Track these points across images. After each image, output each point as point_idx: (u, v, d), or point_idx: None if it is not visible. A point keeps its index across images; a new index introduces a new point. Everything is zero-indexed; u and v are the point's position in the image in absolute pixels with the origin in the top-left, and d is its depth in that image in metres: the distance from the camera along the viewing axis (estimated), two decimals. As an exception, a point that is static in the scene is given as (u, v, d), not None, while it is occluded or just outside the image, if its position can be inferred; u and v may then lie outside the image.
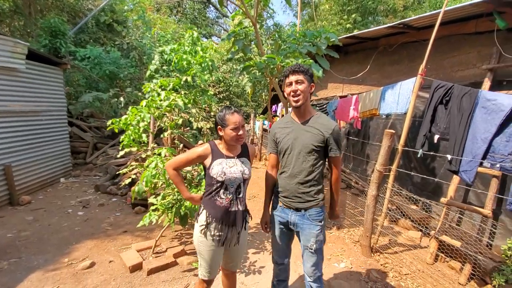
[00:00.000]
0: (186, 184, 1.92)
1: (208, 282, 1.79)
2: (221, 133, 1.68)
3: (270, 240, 3.49)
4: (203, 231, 1.66)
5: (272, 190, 1.97)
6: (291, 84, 1.71)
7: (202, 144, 1.70)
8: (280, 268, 1.98)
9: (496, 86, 3.10)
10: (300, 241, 1.86)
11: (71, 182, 5.70)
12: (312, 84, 1.74)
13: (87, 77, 8.07)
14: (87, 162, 7.01)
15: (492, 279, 2.63)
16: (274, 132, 1.88)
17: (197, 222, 1.72)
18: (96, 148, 7.49)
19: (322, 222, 1.80)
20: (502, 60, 3.10)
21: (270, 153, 1.94)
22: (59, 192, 5.12)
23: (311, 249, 1.78)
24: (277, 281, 2.04)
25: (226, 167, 1.64)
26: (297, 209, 1.78)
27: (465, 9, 3.17)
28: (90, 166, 6.76)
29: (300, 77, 1.68)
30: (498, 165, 2.15)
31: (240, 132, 1.63)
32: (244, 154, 1.78)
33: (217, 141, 1.75)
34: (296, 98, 1.70)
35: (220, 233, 1.66)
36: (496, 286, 2.59)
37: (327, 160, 1.82)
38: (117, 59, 8.26)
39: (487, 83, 3.13)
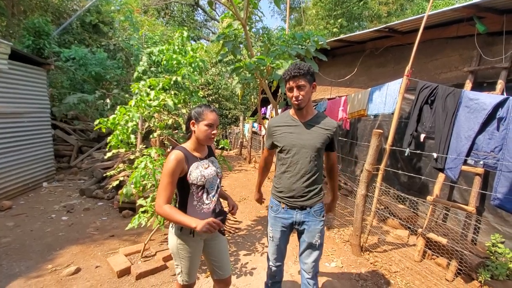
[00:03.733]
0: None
1: (189, 286, 1.75)
2: (193, 128, 1.60)
3: (261, 242, 3.49)
4: (183, 237, 1.60)
5: (265, 175, 2.13)
6: (292, 89, 1.67)
7: (169, 153, 1.59)
8: (276, 270, 1.97)
9: (477, 87, 3.23)
10: (301, 239, 1.86)
11: (54, 187, 5.50)
12: (314, 83, 1.71)
13: (72, 78, 7.85)
14: (72, 165, 6.80)
15: (478, 274, 2.71)
16: (273, 130, 1.84)
17: (175, 233, 1.62)
18: (81, 152, 7.28)
19: (324, 216, 1.84)
20: (482, 62, 3.23)
21: (266, 147, 1.98)
22: (42, 197, 4.93)
23: (315, 245, 1.79)
24: (271, 283, 2.03)
25: (203, 170, 1.59)
26: (302, 208, 1.78)
27: (447, 14, 3.30)
28: (75, 170, 6.56)
29: (300, 81, 1.63)
30: (481, 162, 2.23)
31: (214, 131, 1.59)
32: (212, 154, 1.77)
33: (184, 145, 1.65)
34: (298, 102, 1.68)
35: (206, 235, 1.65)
36: (482, 282, 2.67)
37: (325, 156, 1.90)
38: (103, 60, 8.08)
39: (468, 85, 3.26)
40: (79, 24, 9.43)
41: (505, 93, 2.89)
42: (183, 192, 1.60)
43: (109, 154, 2.84)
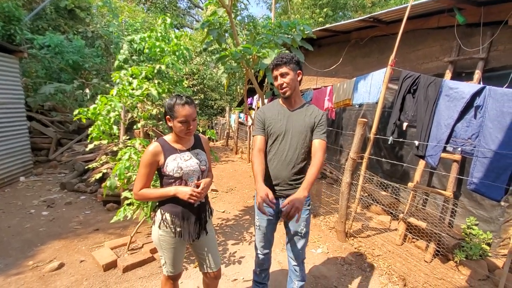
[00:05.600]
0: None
1: (174, 277, 1.75)
2: (170, 124, 1.55)
3: (249, 231, 3.53)
4: (162, 229, 1.58)
5: (264, 173, 1.70)
6: (276, 78, 1.71)
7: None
8: (264, 258, 2.00)
9: (456, 77, 3.35)
10: (287, 228, 1.88)
11: (32, 181, 5.27)
12: (299, 71, 1.72)
13: (47, 67, 7.42)
14: (51, 159, 6.52)
15: (454, 255, 2.88)
16: (264, 116, 1.80)
17: (154, 224, 1.63)
18: (60, 144, 6.99)
19: (310, 205, 1.86)
20: (461, 53, 3.34)
21: (258, 135, 1.80)
22: (19, 191, 4.72)
23: (301, 233, 1.81)
24: (260, 270, 2.05)
25: (182, 162, 1.55)
26: (288, 197, 1.75)
27: (429, 5, 3.36)
28: (54, 163, 6.30)
29: (283, 69, 1.67)
30: (459, 149, 2.33)
31: (190, 127, 1.52)
32: (198, 145, 1.70)
33: (166, 137, 1.63)
34: (283, 91, 1.71)
35: (181, 229, 1.59)
36: (458, 262, 2.84)
37: (312, 145, 1.79)
38: (81, 48, 7.68)
39: (448, 75, 3.36)
40: (53, 9, 8.86)
41: (481, 83, 3.01)
42: (162, 181, 1.62)
43: (90, 146, 2.74)
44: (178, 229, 1.59)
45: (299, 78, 1.74)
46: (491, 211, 3.01)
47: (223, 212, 4.18)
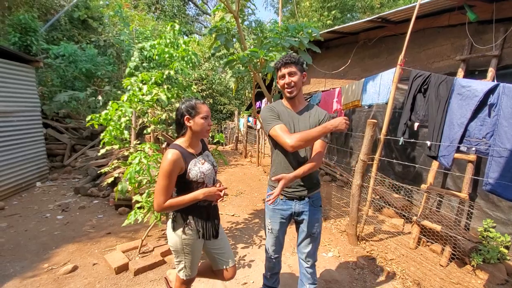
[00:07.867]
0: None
1: (190, 281, 1.77)
2: (188, 124, 1.55)
3: (258, 235, 3.51)
4: (187, 233, 1.59)
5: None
6: (284, 76, 1.69)
7: (164, 151, 1.60)
8: (275, 262, 1.98)
9: (469, 76, 3.26)
10: (299, 229, 1.87)
11: (48, 186, 5.43)
12: (303, 73, 1.74)
13: (62, 76, 7.68)
14: (65, 164, 6.72)
15: (470, 259, 2.77)
16: (277, 110, 1.74)
17: (174, 230, 1.61)
18: (74, 150, 7.19)
19: (321, 206, 1.87)
20: (474, 51, 3.26)
21: (277, 124, 1.65)
22: (36, 196, 4.87)
23: (314, 234, 1.81)
24: (270, 274, 2.04)
25: (201, 166, 1.59)
26: (301, 198, 1.78)
27: (438, 3, 3.30)
28: (69, 168, 6.48)
29: (292, 68, 1.67)
30: (473, 148, 2.26)
31: (210, 123, 1.61)
32: (205, 148, 1.77)
33: (179, 142, 1.60)
34: (290, 90, 1.70)
35: (203, 229, 1.64)
36: (475, 266, 2.74)
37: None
38: (94, 57, 7.91)
39: (460, 73, 3.28)
40: (67, 20, 9.19)
41: (495, 81, 2.92)
42: (181, 188, 1.59)
43: (102, 151, 2.80)
44: (201, 230, 1.63)
45: (303, 80, 1.75)
46: (509, 213, 2.89)
47: (233, 215, 4.18)
